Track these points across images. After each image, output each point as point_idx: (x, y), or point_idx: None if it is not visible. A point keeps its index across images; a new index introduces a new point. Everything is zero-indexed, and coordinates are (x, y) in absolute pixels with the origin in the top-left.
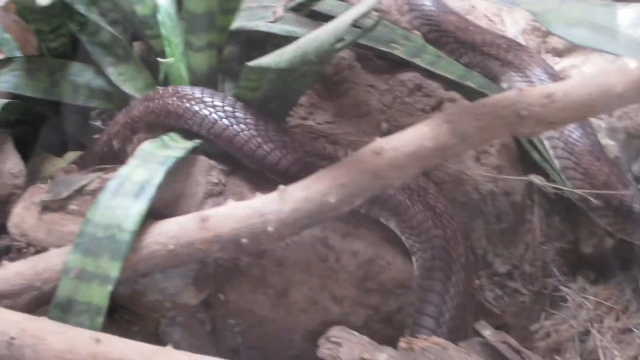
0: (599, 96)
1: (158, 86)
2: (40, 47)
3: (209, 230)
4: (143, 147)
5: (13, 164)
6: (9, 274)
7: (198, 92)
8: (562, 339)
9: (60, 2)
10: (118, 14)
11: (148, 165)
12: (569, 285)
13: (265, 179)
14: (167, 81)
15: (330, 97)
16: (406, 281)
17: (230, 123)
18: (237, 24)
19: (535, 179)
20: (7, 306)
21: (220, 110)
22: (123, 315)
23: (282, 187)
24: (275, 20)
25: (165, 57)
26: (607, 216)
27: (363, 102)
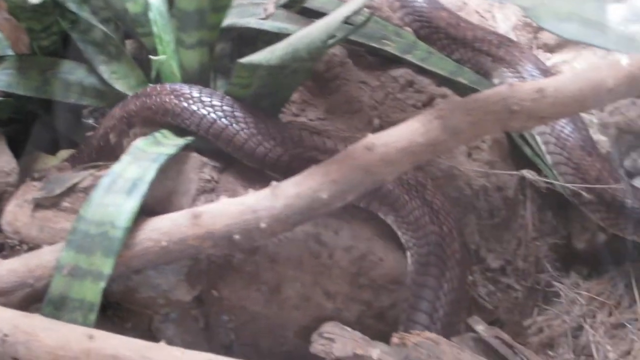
0: (589, 91)
1: (150, 83)
2: (32, 45)
3: (201, 226)
4: (135, 144)
5: (5, 161)
6: (2, 271)
7: (196, 91)
8: (555, 334)
9: (51, 0)
10: (109, 12)
11: (140, 162)
12: (561, 280)
13: (257, 175)
14: (159, 78)
15: (322, 94)
16: (398, 277)
17: (230, 122)
18: (228, 21)
19: (527, 173)
20: (0, 303)
21: (218, 109)
22: (116, 312)
23: (274, 183)
24: (266, 17)
25: (156, 55)
26: (599, 211)
27: (354, 98)
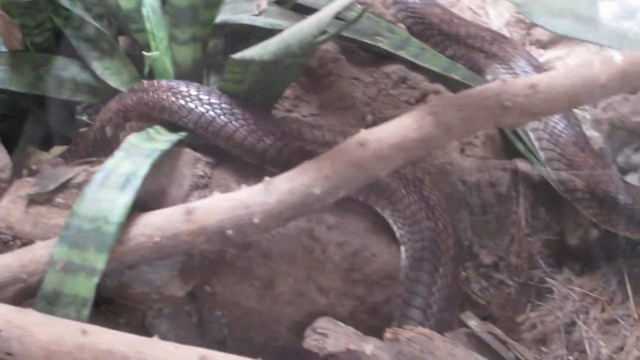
0: (582, 87)
1: (143, 79)
2: (25, 42)
3: (195, 222)
4: (128, 140)
5: None
6: None
7: (194, 89)
8: (548, 329)
9: None
10: (102, 8)
11: (133, 157)
12: (554, 276)
13: (250, 171)
14: (152, 74)
15: (315, 90)
16: (392, 272)
17: (229, 119)
18: (221, 17)
19: (521, 163)
20: None
21: (217, 107)
22: (109, 307)
23: (267, 179)
24: (259, 13)
25: (149, 51)
26: (592, 207)
27: (347, 95)
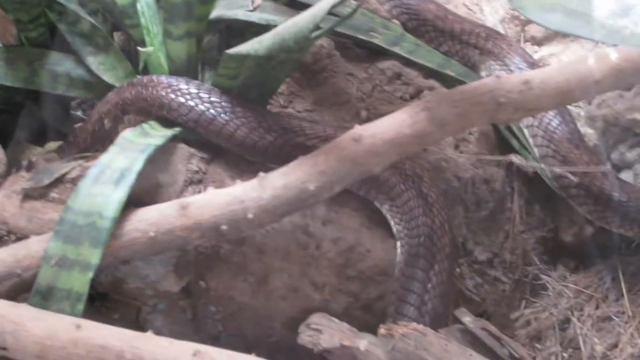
0: (576, 83)
1: (138, 75)
2: (20, 37)
3: (189, 217)
4: (123, 135)
5: None
6: None
7: (194, 87)
8: (542, 326)
9: None
10: (97, 4)
11: (128, 152)
12: (548, 273)
13: (245, 166)
14: (147, 70)
15: (310, 85)
16: (386, 269)
17: (230, 118)
18: (216, 12)
19: (515, 158)
20: None
21: (217, 105)
22: (104, 303)
23: (262, 174)
24: (254, 9)
25: (144, 46)
26: (587, 204)
27: (342, 90)
